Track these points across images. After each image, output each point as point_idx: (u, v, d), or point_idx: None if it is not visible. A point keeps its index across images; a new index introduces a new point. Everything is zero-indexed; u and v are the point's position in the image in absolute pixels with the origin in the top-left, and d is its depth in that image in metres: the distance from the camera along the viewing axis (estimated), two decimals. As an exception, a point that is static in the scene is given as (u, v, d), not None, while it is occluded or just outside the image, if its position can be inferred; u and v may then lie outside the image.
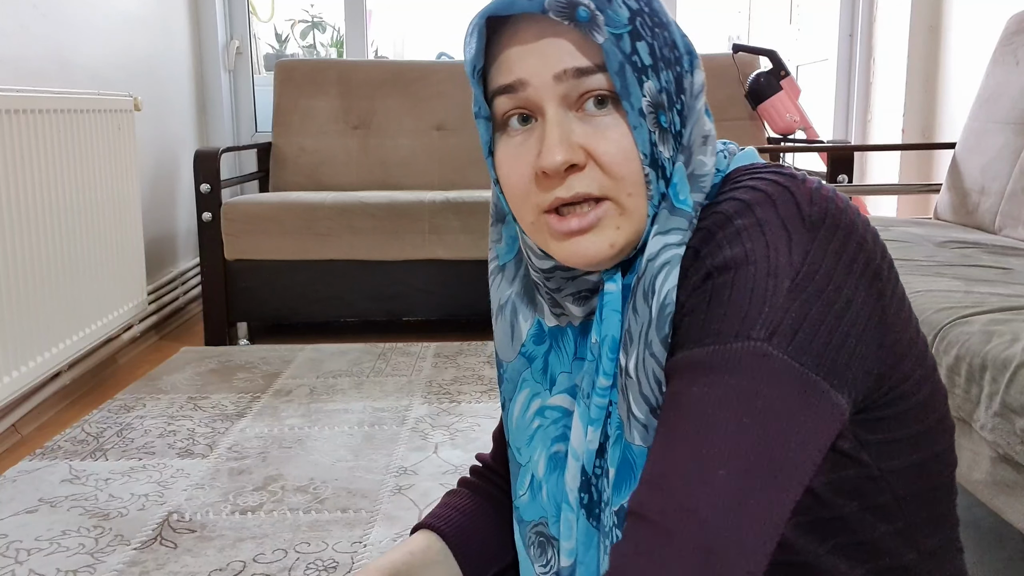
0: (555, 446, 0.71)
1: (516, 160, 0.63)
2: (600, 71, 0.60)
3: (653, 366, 0.60)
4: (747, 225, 0.57)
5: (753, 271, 0.56)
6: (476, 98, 0.64)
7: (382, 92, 3.24)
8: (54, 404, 2.17)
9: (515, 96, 0.61)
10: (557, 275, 0.67)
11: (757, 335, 0.55)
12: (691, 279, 0.59)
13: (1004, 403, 1.07)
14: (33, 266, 1.95)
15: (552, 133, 0.60)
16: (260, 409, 2.13)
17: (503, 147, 0.64)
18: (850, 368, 0.57)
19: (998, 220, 2.02)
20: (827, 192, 0.59)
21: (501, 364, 0.76)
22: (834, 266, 0.56)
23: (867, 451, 0.60)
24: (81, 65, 2.43)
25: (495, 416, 2.07)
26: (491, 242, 0.75)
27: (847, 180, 2.57)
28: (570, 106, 0.61)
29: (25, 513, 1.59)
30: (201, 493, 1.67)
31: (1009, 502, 1.10)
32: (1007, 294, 1.35)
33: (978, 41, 2.71)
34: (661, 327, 0.60)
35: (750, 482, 0.54)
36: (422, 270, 2.75)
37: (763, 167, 0.63)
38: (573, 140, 0.60)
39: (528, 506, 0.73)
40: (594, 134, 0.60)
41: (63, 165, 2.09)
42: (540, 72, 0.60)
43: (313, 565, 1.41)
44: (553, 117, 0.60)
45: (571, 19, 0.59)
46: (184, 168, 3.17)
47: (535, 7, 0.59)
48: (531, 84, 0.61)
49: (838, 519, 0.61)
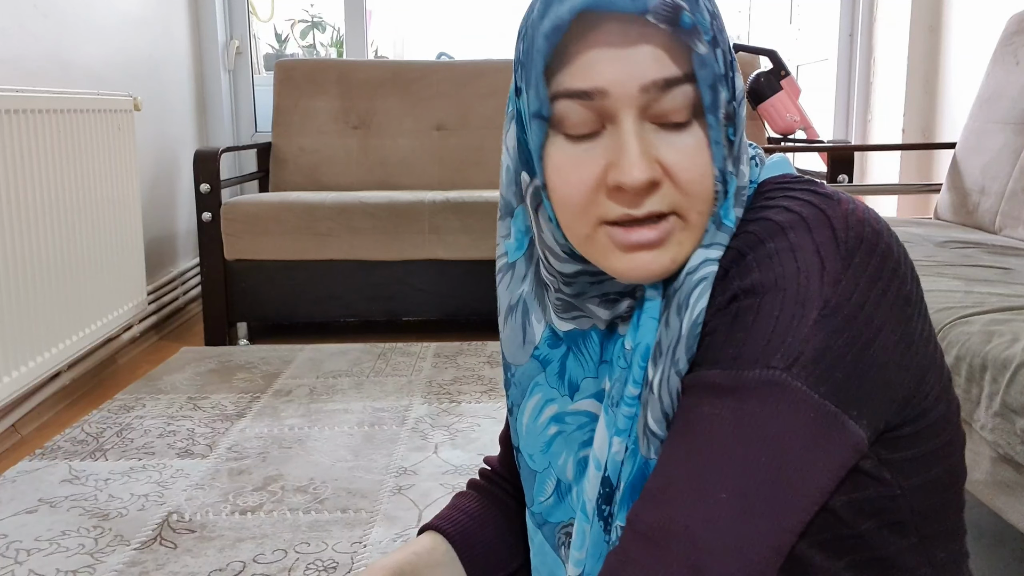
0: (583, 451, 0.68)
1: (578, 168, 0.57)
2: (686, 81, 0.55)
3: (676, 384, 0.58)
4: (779, 249, 0.55)
5: (781, 298, 0.54)
6: (538, 96, 0.57)
7: (382, 92, 3.24)
8: (54, 404, 2.17)
9: (589, 104, 0.56)
10: (581, 280, 0.63)
11: (776, 363, 0.54)
12: (716, 299, 0.57)
13: (1004, 403, 1.07)
14: (33, 266, 1.95)
15: (632, 147, 0.55)
16: (260, 409, 2.13)
17: (559, 151, 0.58)
18: (872, 398, 0.55)
19: (998, 220, 2.02)
20: (862, 214, 0.57)
21: (509, 367, 0.72)
22: (866, 296, 0.55)
23: (888, 469, 0.59)
24: (81, 65, 2.43)
25: (495, 416, 2.07)
26: (499, 237, 0.71)
27: (847, 180, 2.57)
28: (647, 116, 0.56)
29: (25, 513, 1.59)
30: (201, 493, 1.67)
31: (1009, 502, 1.10)
32: (1007, 294, 1.35)
33: (978, 41, 2.70)
34: (690, 346, 0.58)
35: (750, 507, 0.53)
36: (422, 270, 2.75)
37: (796, 182, 0.60)
38: (652, 155, 0.56)
39: (554, 508, 0.71)
40: (673, 150, 0.56)
41: (63, 165, 2.09)
42: (625, 82, 0.55)
43: (313, 565, 1.40)
44: (631, 129, 0.55)
45: (673, 24, 0.54)
46: (184, 168, 3.17)
47: (637, 7, 0.54)
48: (612, 94, 0.55)
49: (856, 536, 0.60)
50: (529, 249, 0.69)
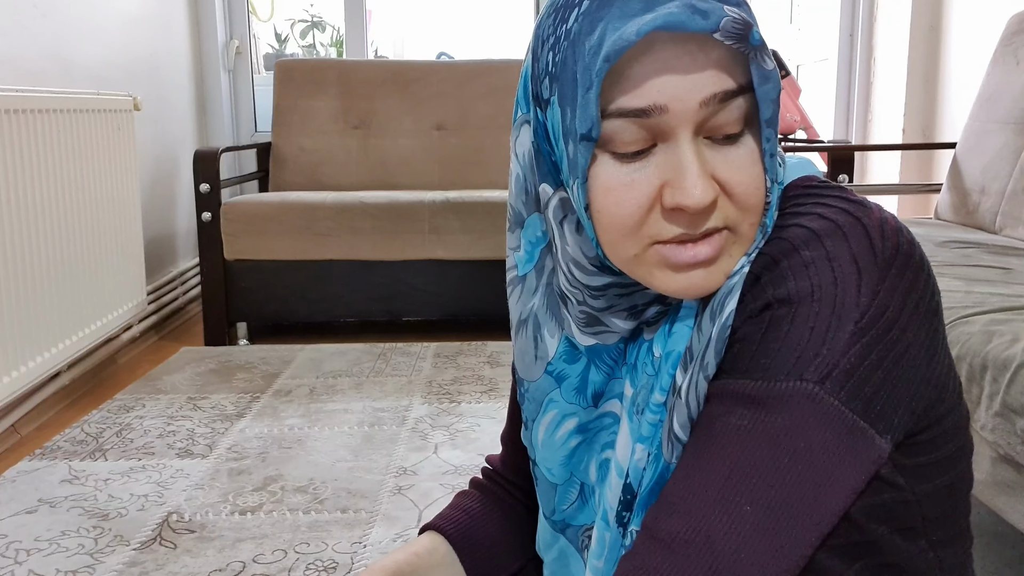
0: (605, 452, 0.67)
1: (632, 189, 0.55)
2: (741, 93, 0.53)
3: (704, 388, 0.57)
4: (815, 258, 0.54)
5: (817, 309, 0.53)
6: (586, 116, 0.53)
7: (382, 92, 3.24)
8: (53, 404, 2.17)
9: (644, 122, 0.53)
10: (609, 293, 0.61)
11: (809, 376, 0.53)
12: (748, 306, 0.56)
13: (1004, 403, 1.07)
14: (33, 266, 1.95)
15: (692, 167, 0.53)
16: (260, 409, 2.13)
17: (607, 171, 0.55)
18: (898, 412, 0.55)
19: (999, 220, 2.02)
20: (894, 223, 0.56)
21: (522, 382, 0.70)
22: (900, 309, 0.54)
23: (903, 475, 0.59)
24: (81, 65, 2.43)
25: (495, 416, 2.07)
26: (509, 249, 0.69)
27: (847, 180, 2.57)
28: (702, 131, 0.54)
29: (24, 513, 1.59)
30: (201, 493, 1.67)
31: (1010, 502, 1.10)
32: (1007, 294, 1.35)
33: (978, 41, 2.70)
34: (719, 350, 0.56)
35: (774, 521, 0.52)
36: (422, 270, 2.75)
37: (824, 188, 0.59)
38: (709, 172, 0.54)
39: (578, 512, 0.70)
40: (728, 165, 0.55)
41: (63, 165, 2.09)
42: (685, 98, 0.52)
43: (313, 566, 1.40)
44: (690, 147, 0.53)
45: (743, 42, 0.52)
46: (184, 168, 3.17)
47: (709, 27, 0.51)
48: (671, 110, 0.52)
49: (869, 542, 0.59)
50: (540, 261, 0.67)
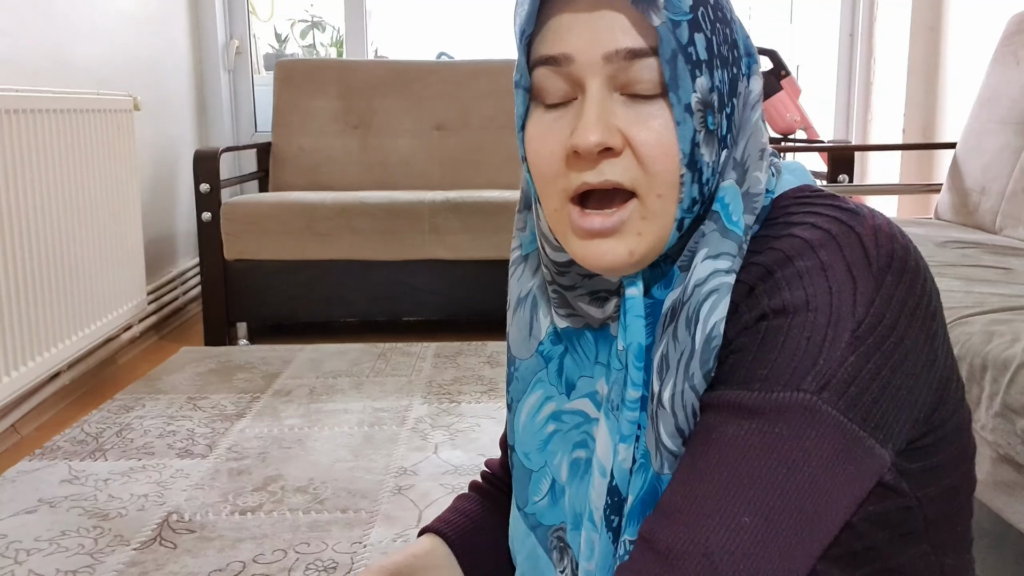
0: (576, 451, 0.68)
1: (548, 137, 0.58)
2: (652, 55, 0.55)
3: (692, 400, 0.57)
4: (810, 268, 0.54)
5: (813, 318, 0.53)
6: (519, 65, 0.59)
7: (382, 92, 3.24)
8: (54, 404, 2.17)
9: (558, 69, 0.57)
10: (572, 271, 0.63)
11: (807, 387, 0.53)
12: (742, 316, 0.56)
13: (1005, 403, 1.07)
14: (33, 266, 1.95)
15: (590, 111, 0.55)
16: (260, 409, 2.13)
17: (536, 122, 0.59)
18: (899, 419, 0.55)
19: (999, 220, 2.02)
20: (888, 229, 0.56)
21: (513, 361, 0.71)
22: (897, 316, 0.54)
23: (907, 480, 0.58)
24: (81, 65, 2.43)
25: (495, 416, 2.07)
26: (516, 230, 0.70)
27: (847, 180, 2.57)
28: (615, 87, 0.56)
29: (24, 513, 1.59)
30: (201, 493, 1.67)
31: (1010, 502, 1.10)
32: (1008, 294, 1.35)
33: (978, 41, 2.70)
34: (706, 361, 0.56)
35: (773, 531, 0.52)
36: (422, 270, 2.75)
37: (818, 197, 0.59)
38: (612, 122, 0.56)
39: (548, 511, 0.70)
40: (636, 120, 0.56)
41: (62, 165, 2.09)
42: (589, 49, 0.55)
43: (313, 566, 1.40)
44: (595, 95, 0.56)
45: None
46: (184, 168, 3.17)
47: None
48: (577, 60, 0.56)
49: (871, 549, 0.59)
50: None
